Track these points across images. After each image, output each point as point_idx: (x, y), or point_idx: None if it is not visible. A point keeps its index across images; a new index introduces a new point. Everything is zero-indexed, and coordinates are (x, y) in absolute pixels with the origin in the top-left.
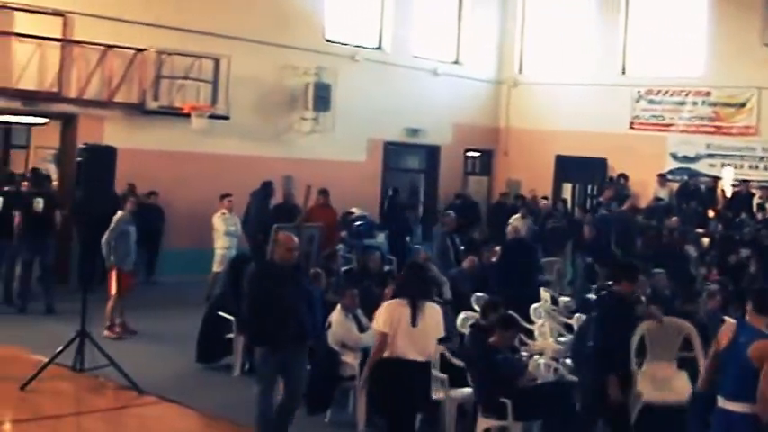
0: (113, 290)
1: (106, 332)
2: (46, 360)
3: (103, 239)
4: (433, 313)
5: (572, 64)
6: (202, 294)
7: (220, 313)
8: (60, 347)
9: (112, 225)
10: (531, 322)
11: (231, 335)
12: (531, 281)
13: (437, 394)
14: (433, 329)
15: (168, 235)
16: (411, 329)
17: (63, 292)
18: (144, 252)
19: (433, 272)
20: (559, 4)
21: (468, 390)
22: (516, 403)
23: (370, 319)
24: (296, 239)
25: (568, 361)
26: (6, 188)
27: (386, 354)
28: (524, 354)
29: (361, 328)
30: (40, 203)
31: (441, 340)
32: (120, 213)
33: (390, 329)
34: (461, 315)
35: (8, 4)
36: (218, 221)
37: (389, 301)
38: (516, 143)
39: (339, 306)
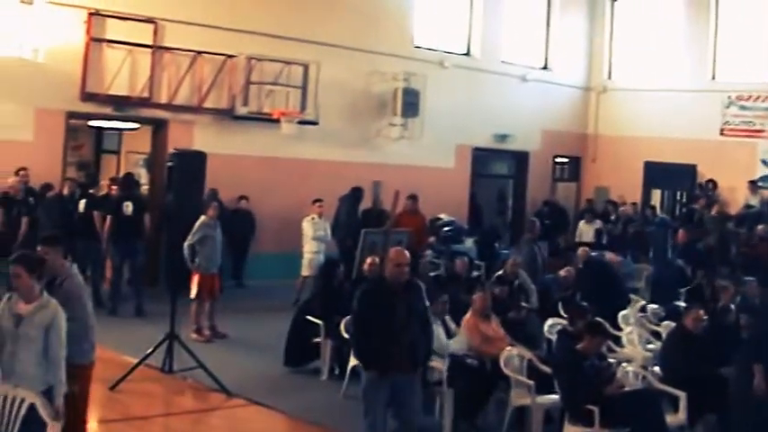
0: (194, 293)
1: (194, 335)
2: (135, 362)
3: (185, 243)
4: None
5: (661, 70)
6: (290, 298)
7: (309, 317)
8: (149, 349)
9: (194, 229)
10: (620, 329)
11: (319, 339)
12: (616, 297)
13: (523, 400)
14: None
15: (257, 239)
16: None
17: (152, 294)
18: (232, 256)
19: (522, 279)
20: (648, 9)
21: (555, 396)
22: (603, 411)
23: (458, 324)
24: (407, 254)
25: (656, 369)
26: (91, 191)
27: None
28: (612, 361)
29: (449, 335)
30: (129, 207)
31: (529, 346)
32: (202, 218)
33: None
34: (549, 321)
35: (101, 11)
36: (307, 226)
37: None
38: (605, 149)
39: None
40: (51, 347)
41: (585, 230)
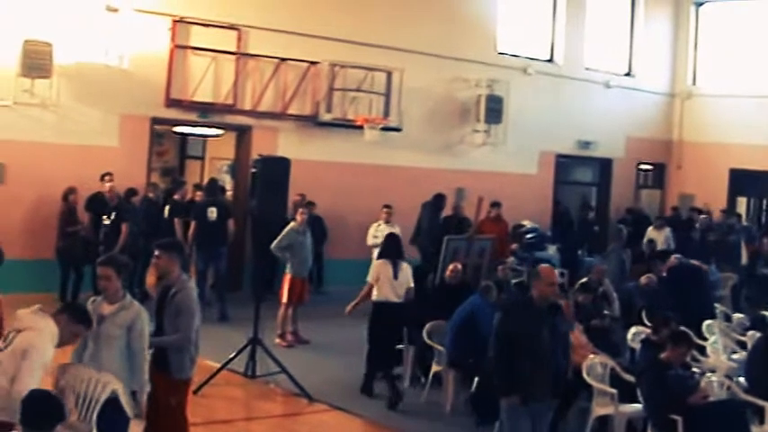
0: (285, 298)
1: (278, 340)
2: (218, 366)
3: (272, 247)
4: (405, 268)
5: (747, 75)
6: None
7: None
8: (233, 354)
9: (282, 235)
10: (704, 338)
11: (401, 345)
12: (703, 305)
13: (605, 409)
14: (406, 281)
15: (340, 245)
16: (393, 281)
17: (236, 299)
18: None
19: (606, 286)
20: (733, 14)
21: (638, 406)
22: (687, 421)
23: None
24: (557, 273)
25: (741, 379)
26: (176, 197)
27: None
28: (696, 370)
29: None
30: (213, 213)
31: (612, 355)
32: (291, 224)
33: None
34: (632, 330)
35: (185, 19)
36: (371, 232)
37: (378, 260)
38: (689, 156)
39: None
40: (133, 346)
41: (655, 238)
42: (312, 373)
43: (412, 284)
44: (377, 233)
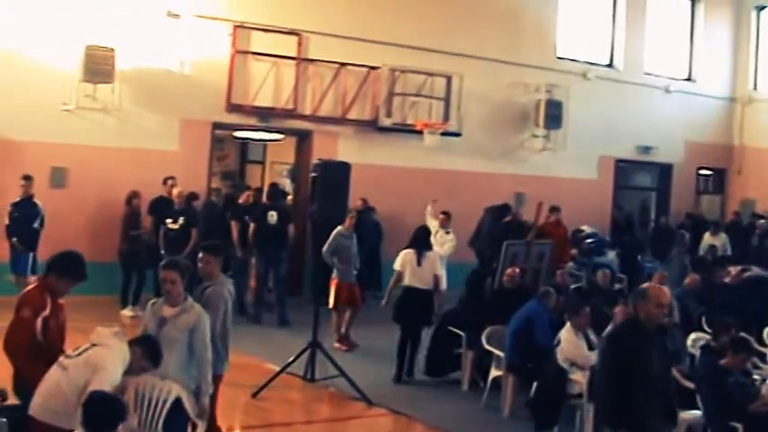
0: (331, 303)
1: (336, 344)
2: (278, 369)
3: (323, 252)
4: (430, 257)
5: None
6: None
7: (451, 328)
8: (292, 357)
9: (330, 239)
10: (765, 345)
11: (460, 350)
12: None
13: None
14: (430, 269)
15: (397, 249)
16: (416, 268)
17: (295, 303)
18: (369, 267)
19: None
20: None
21: (697, 412)
22: (748, 428)
23: (600, 337)
24: (668, 293)
25: None
26: (241, 201)
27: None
28: (757, 377)
29: (591, 347)
30: (274, 217)
31: (672, 361)
32: (338, 228)
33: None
34: (692, 336)
35: (246, 24)
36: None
37: (404, 250)
38: (751, 161)
39: (569, 324)
40: (196, 348)
41: (710, 243)
42: (371, 377)
43: (439, 272)
44: (437, 239)
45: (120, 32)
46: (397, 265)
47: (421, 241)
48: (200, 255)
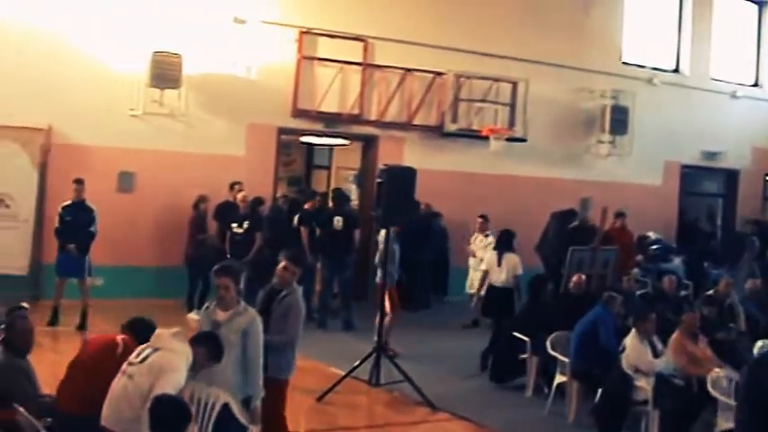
0: (388, 308)
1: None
2: (343, 374)
3: (376, 262)
4: (510, 258)
5: None
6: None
7: (515, 334)
8: (357, 362)
9: (380, 245)
10: None
11: (525, 355)
12: None
13: (730, 423)
14: (510, 268)
15: (462, 255)
16: (496, 268)
17: (361, 308)
18: (435, 272)
19: (732, 300)
20: None
21: None
22: None
23: (665, 344)
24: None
25: None
26: (307, 206)
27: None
28: None
29: (656, 354)
30: (339, 222)
31: (737, 368)
32: (382, 233)
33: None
34: (758, 343)
35: (312, 30)
36: (471, 247)
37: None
38: None
39: (634, 330)
40: (249, 351)
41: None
42: (436, 382)
43: (519, 272)
44: (476, 244)
45: (186, 38)
46: (483, 265)
47: (501, 243)
48: (284, 263)
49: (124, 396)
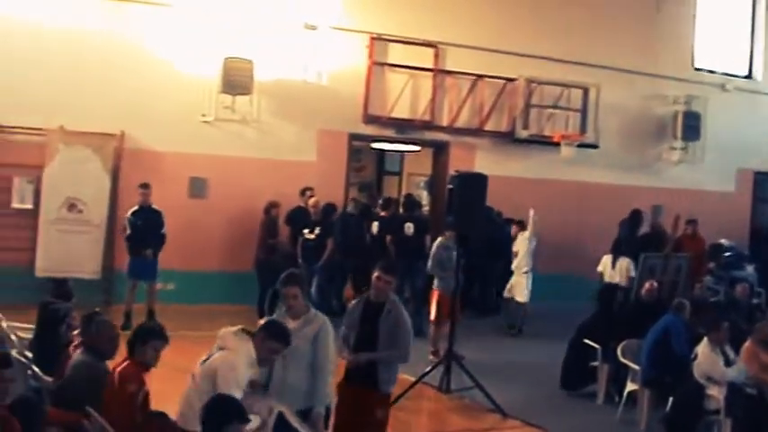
0: (433, 315)
1: (431, 357)
2: (414, 380)
3: (428, 268)
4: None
5: None
6: (566, 320)
7: (586, 341)
8: (428, 368)
9: (432, 251)
10: None
11: (596, 363)
12: None
13: None
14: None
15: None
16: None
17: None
18: (506, 278)
19: None
20: None
21: None
22: None
23: (737, 352)
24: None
25: None
26: (383, 213)
27: None
28: None
29: (728, 363)
30: (410, 228)
31: None
32: (439, 239)
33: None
34: None
35: (383, 36)
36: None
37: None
38: None
39: (707, 339)
40: (317, 356)
41: None
42: (506, 389)
43: (632, 274)
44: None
45: (258, 45)
46: (600, 267)
47: (615, 248)
48: (377, 273)
49: (187, 397)
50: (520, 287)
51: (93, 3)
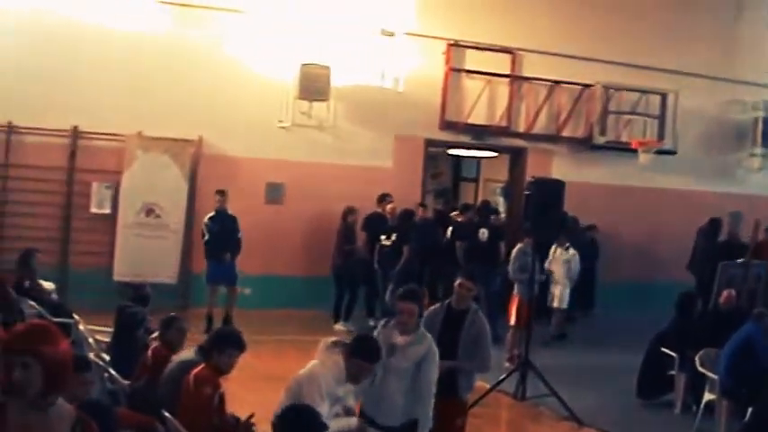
0: (513, 320)
1: (507, 363)
2: (488, 386)
3: (510, 276)
4: None
5: None
6: (643, 329)
7: (664, 349)
8: (503, 375)
9: (512, 257)
10: None
11: (673, 372)
12: None
13: None
14: None
15: (609, 269)
16: None
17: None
18: (582, 285)
19: None
20: None
21: None
22: None
23: None
24: None
25: None
26: (460, 219)
27: None
28: None
29: None
30: (485, 234)
31: None
32: (519, 245)
33: None
34: None
35: (460, 42)
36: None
37: None
38: None
39: None
40: (422, 381)
41: None
42: (582, 397)
43: None
44: (556, 257)
45: (335, 51)
46: None
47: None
48: (459, 281)
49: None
50: (558, 294)
51: (171, 9)
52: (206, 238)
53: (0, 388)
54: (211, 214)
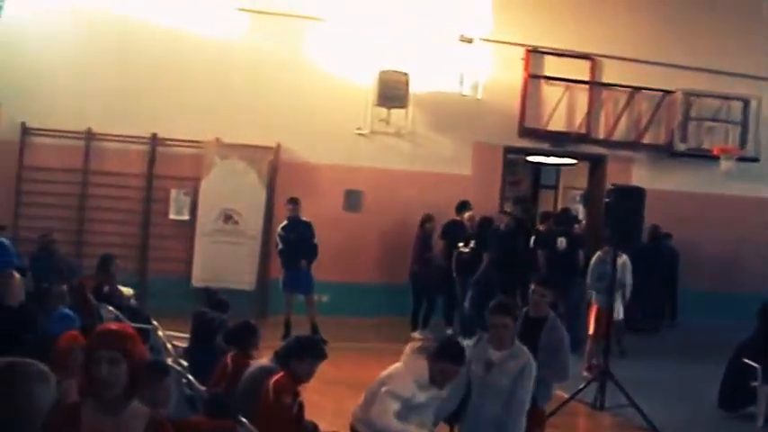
0: (591, 329)
1: (585, 372)
2: (567, 396)
3: (588, 284)
4: None
5: None
6: (725, 339)
7: (746, 360)
8: (582, 385)
9: (591, 266)
10: None
11: (756, 383)
12: None
13: None
14: None
15: (690, 277)
16: None
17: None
18: (663, 295)
19: None
20: None
21: None
22: None
23: None
24: None
25: None
26: (541, 227)
27: None
28: None
29: None
30: (563, 243)
31: None
32: (597, 254)
33: None
34: None
35: (539, 48)
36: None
37: None
38: None
39: None
40: (519, 393)
41: None
42: (662, 408)
43: None
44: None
45: (413, 57)
46: None
47: None
48: (533, 287)
49: (365, 400)
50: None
51: (250, 17)
52: (279, 247)
53: (78, 388)
54: (284, 223)
